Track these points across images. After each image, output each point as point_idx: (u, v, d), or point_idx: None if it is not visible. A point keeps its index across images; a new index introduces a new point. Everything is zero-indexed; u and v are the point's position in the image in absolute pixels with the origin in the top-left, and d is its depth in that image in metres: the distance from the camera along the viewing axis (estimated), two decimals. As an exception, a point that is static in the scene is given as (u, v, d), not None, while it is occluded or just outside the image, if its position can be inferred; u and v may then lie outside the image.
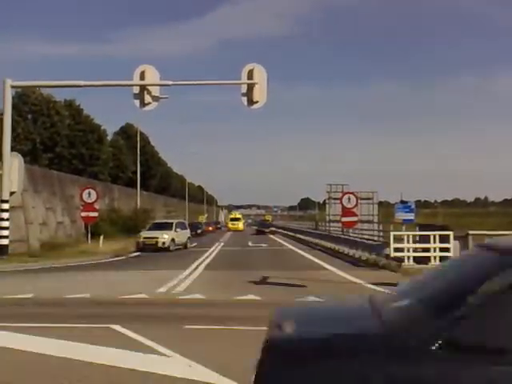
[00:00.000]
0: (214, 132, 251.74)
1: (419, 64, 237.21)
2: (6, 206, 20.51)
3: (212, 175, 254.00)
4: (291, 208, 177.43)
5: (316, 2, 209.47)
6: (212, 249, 28.57)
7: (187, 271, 16.20)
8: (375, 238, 23.05)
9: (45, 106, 36.57)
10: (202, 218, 71.05)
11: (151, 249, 26.54)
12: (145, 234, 28.00)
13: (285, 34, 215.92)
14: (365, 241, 22.48)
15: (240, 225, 70.08)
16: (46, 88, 33.97)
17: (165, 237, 27.38)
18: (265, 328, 8.19)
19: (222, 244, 34.30)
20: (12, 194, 20.94)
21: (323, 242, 29.60)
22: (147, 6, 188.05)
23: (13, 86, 21.84)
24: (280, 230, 56.59)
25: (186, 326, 7.43)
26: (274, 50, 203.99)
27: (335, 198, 33.78)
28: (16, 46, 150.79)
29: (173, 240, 27.81)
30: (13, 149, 22.26)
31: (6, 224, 20.44)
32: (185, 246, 29.54)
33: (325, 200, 41.00)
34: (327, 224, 36.43)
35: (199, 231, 48.66)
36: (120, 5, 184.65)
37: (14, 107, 28.39)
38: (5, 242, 20.42)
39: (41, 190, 28.95)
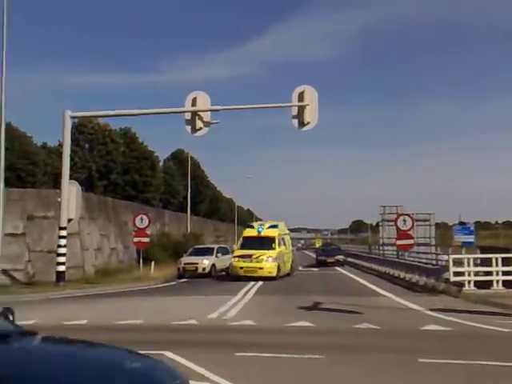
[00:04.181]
0: (263, 155, 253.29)
1: (471, 81, 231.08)
2: (63, 232, 21.07)
3: (261, 199, 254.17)
4: (342, 231, 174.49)
5: (364, 24, 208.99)
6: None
7: (237, 297, 16.02)
8: (433, 262, 22.20)
9: (101, 134, 37.90)
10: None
11: (192, 275, 25.83)
12: (185, 259, 27.36)
13: (335, 57, 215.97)
14: (422, 265, 21.68)
15: (268, 262, 24.14)
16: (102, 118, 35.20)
17: (205, 262, 26.59)
18: (319, 356, 7.76)
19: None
20: (69, 221, 21.53)
21: (377, 267, 28.79)
22: (195, 34, 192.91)
23: (72, 117, 22.73)
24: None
25: (238, 354, 7.23)
26: (324, 73, 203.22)
27: (389, 220, 32.94)
28: (72, 78, 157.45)
29: (214, 265, 27.00)
30: (71, 177, 23.00)
31: (63, 251, 20.96)
32: (227, 271, 28.07)
33: (378, 222, 40.09)
34: (381, 247, 35.52)
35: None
36: (171, 32, 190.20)
37: (72, 137, 29.51)
38: (62, 268, 20.92)
39: (96, 217, 29.70)
